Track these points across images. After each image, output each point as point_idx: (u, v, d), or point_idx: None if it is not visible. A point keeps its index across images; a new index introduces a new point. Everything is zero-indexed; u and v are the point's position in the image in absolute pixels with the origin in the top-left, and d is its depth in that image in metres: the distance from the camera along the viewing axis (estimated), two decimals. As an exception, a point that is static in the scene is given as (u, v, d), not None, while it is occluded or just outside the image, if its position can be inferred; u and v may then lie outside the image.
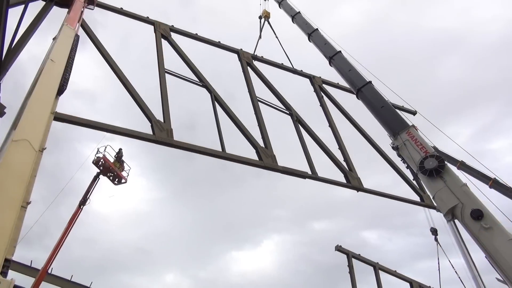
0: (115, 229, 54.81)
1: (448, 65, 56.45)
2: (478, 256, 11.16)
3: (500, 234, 10.44)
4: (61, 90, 7.70)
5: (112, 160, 20.39)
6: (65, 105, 8.70)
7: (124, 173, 21.02)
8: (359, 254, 17.24)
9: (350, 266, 16.65)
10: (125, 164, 21.23)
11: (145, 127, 10.46)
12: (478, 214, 10.80)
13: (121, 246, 53.07)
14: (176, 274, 56.26)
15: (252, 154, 12.19)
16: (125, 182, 21.22)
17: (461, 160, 20.76)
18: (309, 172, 12.63)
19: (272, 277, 55.54)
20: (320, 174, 12.93)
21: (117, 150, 20.99)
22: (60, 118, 8.70)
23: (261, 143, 12.36)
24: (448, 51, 57.31)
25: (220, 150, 11.34)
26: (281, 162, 12.27)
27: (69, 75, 8.36)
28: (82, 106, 46.41)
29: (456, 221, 11.56)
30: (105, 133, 11.81)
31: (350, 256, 16.86)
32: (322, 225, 59.10)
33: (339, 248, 16.92)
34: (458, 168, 20.19)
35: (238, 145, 12.24)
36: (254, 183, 58.52)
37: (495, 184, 18.86)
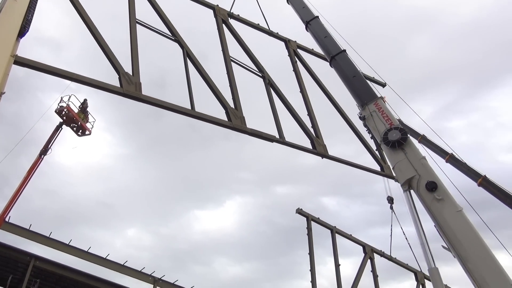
0: (78, 182, 54.03)
1: (418, 43, 57.30)
2: (428, 225, 11.91)
3: (450, 206, 11.13)
4: (22, 32, 7.27)
5: (76, 110, 19.76)
6: (27, 52, 8.23)
7: (88, 125, 20.52)
8: (318, 218, 17.92)
9: (309, 228, 17.32)
10: (89, 116, 20.67)
11: (113, 80, 10.12)
12: (432, 186, 11.42)
13: (83, 199, 52.60)
14: (137, 229, 56.66)
15: (221, 115, 12.14)
16: (89, 134, 20.75)
17: (423, 134, 21.59)
18: (277, 136, 12.76)
19: (233, 236, 57.16)
20: (288, 139, 13.10)
21: (82, 101, 20.33)
22: (21, 62, 8.18)
23: (231, 104, 12.28)
24: (420, 29, 57.95)
25: (190, 108, 11.20)
26: (250, 124, 12.30)
27: (32, 16, 7.87)
28: (47, 54, 44.06)
29: (411, 191, 12.18)
30: (69, 82, 11.37)
31: (310, 219, 17.51)
32: (285, 190, 60.64)
33: (299, 211, 17.51)
34: (419, 142, 21.04)
35: (208, 105, 12.12)
36: (222, 145, 58.73)
37: (451, 159, 19.85)
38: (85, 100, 20.50)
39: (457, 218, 10.92)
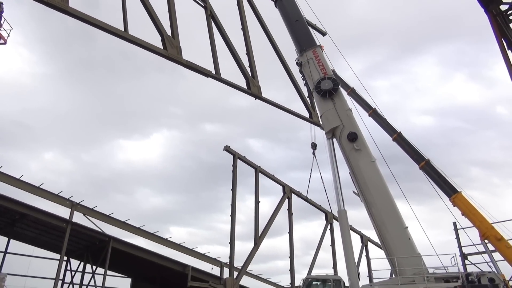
0: (-12, 97, 48.88)
1: (360, 1, 58.00)
2: (343, 173, 12.95)
3: (365, 156, 12.17)
4: None
5: (-12, 14, 17.43)
6: None
7: (3, 33, 18.29)
8: (245, 157, 18.44)
9: (235, 166, 17.79)
10: (5, 23, 18.38)
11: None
12: (353, 136, 12.31)
13: (-5, 117, 48.01)
14: (56, 153, 53.74)
15: (157, 43, 11.49)
16: (4, 43, 18.57)
17: (352, 87, 22.58)
18: (213, 72, 12.54)
19: (157, 169, 56.90)
20: (224, 77, 12.94)
21: (-4, 4, 17.91)
22: None
23: (169, 32, 11.67)
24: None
25: (122, 30, 10.44)
26: (186, 56, 11.89)
27: None
28: None
29: (334, 140, 13.00)
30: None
31: (237, 157, 17.93)
32: (214, 128, 60.79)
33: (227, 149, 17.79)
34: (348, 94, 22.04)
35: (144, 32, 11.35)
36: (155, 77, 56.14)
37: (373, 114, 21.17)
38: (0, 3, 18.10)
39: (370, 168, 12.03)
